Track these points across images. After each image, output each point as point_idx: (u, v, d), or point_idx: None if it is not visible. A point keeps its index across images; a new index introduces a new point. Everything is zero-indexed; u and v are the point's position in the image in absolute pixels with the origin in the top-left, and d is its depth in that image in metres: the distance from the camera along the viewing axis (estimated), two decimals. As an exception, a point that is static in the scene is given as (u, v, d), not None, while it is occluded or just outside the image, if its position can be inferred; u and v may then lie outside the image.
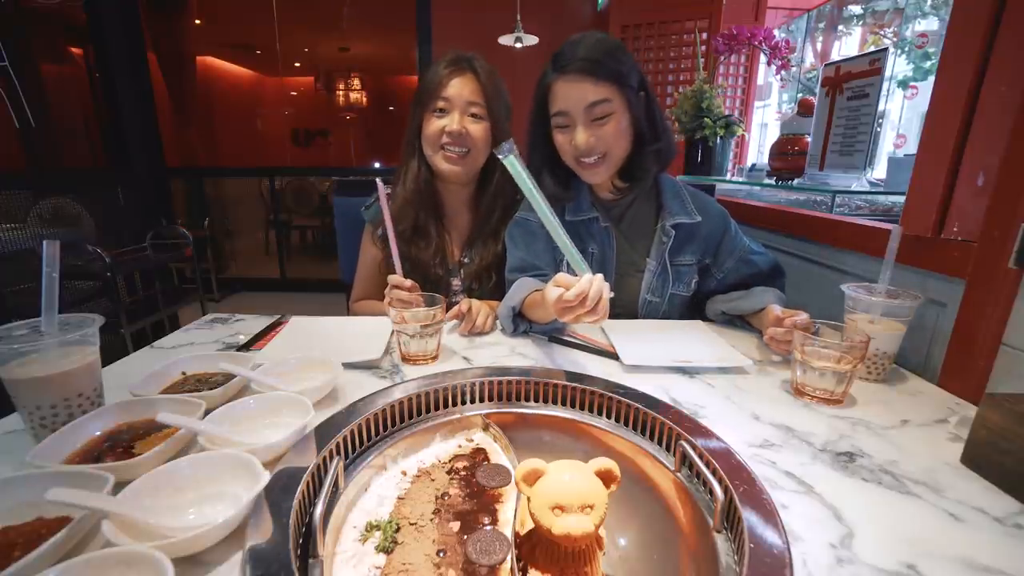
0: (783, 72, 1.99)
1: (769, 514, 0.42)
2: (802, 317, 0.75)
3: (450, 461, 0.56)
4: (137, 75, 3.68)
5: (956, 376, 0.74)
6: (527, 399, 0.64)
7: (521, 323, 0.91)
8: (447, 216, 1.16)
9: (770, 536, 0.39)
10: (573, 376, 0.64)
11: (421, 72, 1.15)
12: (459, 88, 1.01)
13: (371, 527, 0.46)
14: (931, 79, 0.78)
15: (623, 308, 1.02)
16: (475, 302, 0.94)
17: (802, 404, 0.67)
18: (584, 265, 0.73)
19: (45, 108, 3.03)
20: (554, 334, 0.90)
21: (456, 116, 1.01)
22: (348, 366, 0.75)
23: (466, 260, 1.13)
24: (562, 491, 0.38)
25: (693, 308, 1.05)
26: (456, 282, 1.13)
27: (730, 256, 1.00)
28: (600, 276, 0.71)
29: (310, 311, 1.04)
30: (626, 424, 0.59)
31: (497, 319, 0.97)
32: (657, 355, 0.80)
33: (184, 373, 0.71)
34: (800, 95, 2.87)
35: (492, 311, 0.97)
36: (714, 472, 0.47)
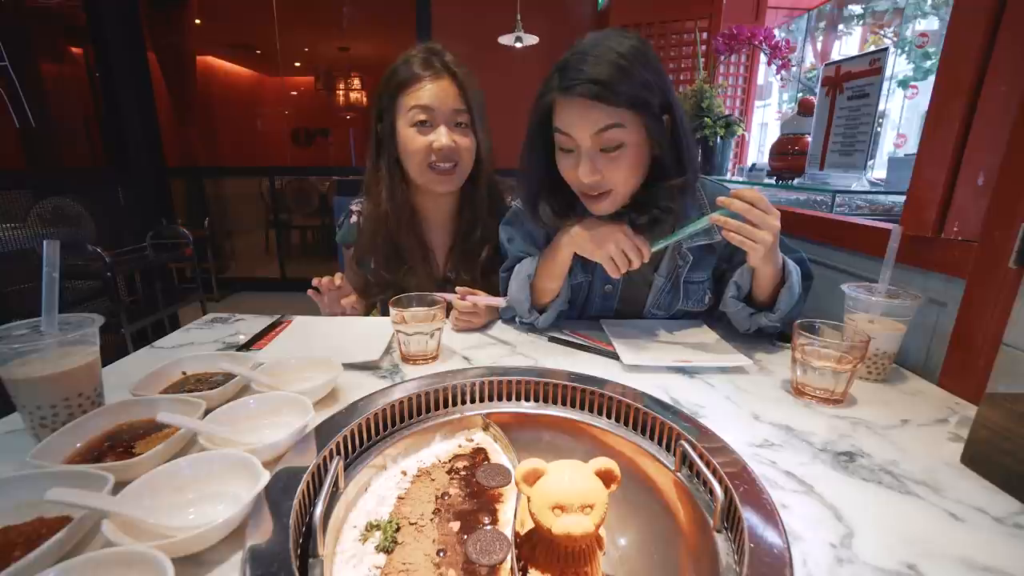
0: (783, 72, 1.99)
1: (769, 514, 0.42)
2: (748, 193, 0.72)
3: (450, 461, 0.56)
4: (137, 75, 3.68)
5: (956, 376, 0.74)
6: (527, 399, 0.64)
7: (531, 312, 0.91)
8: (429, 231, 1.09)
9: (770, 536, 0.39)
10: (573, 376, 0.64)
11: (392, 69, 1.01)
12: (440, 97, 0.92)
13: (371, 527, 0.46)
14: (931, 79, 0.78)
15: (625, 318, 0.98)
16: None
17: (802, 404, 0.67)
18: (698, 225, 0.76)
19: (45, 108, 3.03)
20: (554, 334, 0.90)
21: (443, 130, 0.94)
22: (348, 366, 0.75)
23: (451, 275, 1.08)
24: (562, 491, 0.38)
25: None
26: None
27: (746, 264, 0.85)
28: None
29: (310, 311, 1.04)
30: (626, 424, 0.59)
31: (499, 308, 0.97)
32: (657, 355, 0.80)
33: (184, 373, 0.71)
34: (800, 95, 2.87)
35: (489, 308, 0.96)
36: (714, 472, 0.47)
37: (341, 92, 5.49)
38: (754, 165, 2.28)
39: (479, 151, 1.01)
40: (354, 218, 1.10)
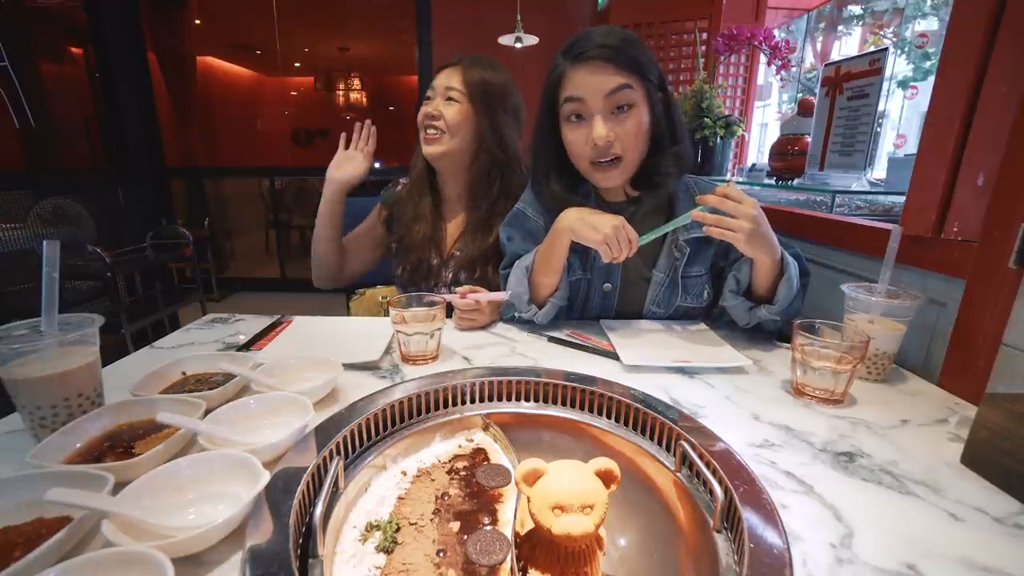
0: (783, 72, 1.99)
1: (769, 514, 0.42)
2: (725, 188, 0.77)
3: (450, 461, 0.56)
4: (137, 75, 3.68)
5: (956, 376, 0.74)
6: (527, 399, 0.64)
7: (529, 305, 0.92)
8: (445, 207, 1.20)
9: (770, 536, 0.39)
10: (573, 376, 0.64)
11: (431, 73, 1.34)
12: (443, 79, 1.09)
13: (371, 527, 0.46)
14: (931, 79, 0.78)
15: (625, 318, 0.98)
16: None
17: (802, 404, 0.67)
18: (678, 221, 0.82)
19: (45, 108, 3.03)
20: (554, 334, 0.90)
21: (436, 102, 1.08)
22: (348, 366, 0.75)
23: (457, 252, 1.15)
24: (562, 491, 0.38)
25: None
26: (447, 273, 1.15)
27: (744, 258, 0.85)
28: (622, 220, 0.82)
29: (310, 311, 1.04)
30: (626, 424, 0.59)
31: (501, 305, 0.98)
32: (657, 355, 0.80)
33: (184, 373, 0.71)
34: (800, 95, 2.87)
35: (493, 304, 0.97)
36: (714, 472, 0.47)
37: (341, 92, 5.49)
38: (754, 165, 2.28)
39: (480, 130, 1.09)
40: (399, 187, 1.26)
